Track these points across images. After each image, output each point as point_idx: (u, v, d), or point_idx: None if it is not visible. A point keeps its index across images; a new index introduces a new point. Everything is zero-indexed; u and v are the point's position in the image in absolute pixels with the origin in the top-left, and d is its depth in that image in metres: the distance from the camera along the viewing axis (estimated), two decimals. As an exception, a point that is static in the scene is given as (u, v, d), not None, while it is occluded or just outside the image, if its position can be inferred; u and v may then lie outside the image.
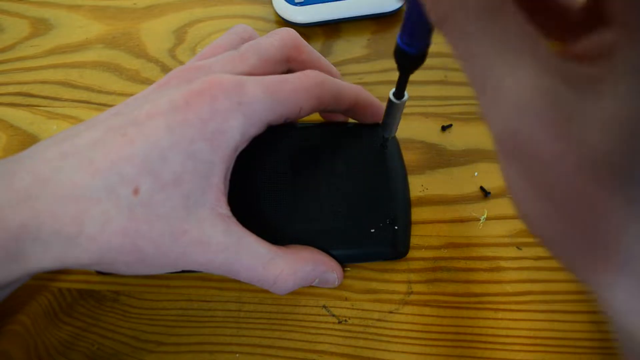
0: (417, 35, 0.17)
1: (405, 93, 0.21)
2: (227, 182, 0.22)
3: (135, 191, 0.19)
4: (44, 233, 0.18)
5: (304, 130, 0.27)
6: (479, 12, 0.12)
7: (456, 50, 0.13)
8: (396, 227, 0.26)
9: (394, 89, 0.21)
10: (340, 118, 0.28)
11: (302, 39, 0.25)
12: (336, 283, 0.25)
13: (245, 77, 0.21)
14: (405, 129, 0.30)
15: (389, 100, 0.22)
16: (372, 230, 0.25)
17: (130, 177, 0.19)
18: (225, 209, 0.21)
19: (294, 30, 0.25)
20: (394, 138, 0.28)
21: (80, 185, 0.19)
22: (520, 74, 0.12)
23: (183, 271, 0.22)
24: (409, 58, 0.18)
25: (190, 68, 0.22)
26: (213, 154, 0.20)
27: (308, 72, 0.23)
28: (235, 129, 0.20)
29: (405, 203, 0.27)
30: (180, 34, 0.35)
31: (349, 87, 0.25)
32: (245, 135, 0.21)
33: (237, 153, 0.21)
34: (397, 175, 0.27)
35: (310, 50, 0.25)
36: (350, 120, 0.28)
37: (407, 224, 0.26)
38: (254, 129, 0.21)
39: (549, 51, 0.12)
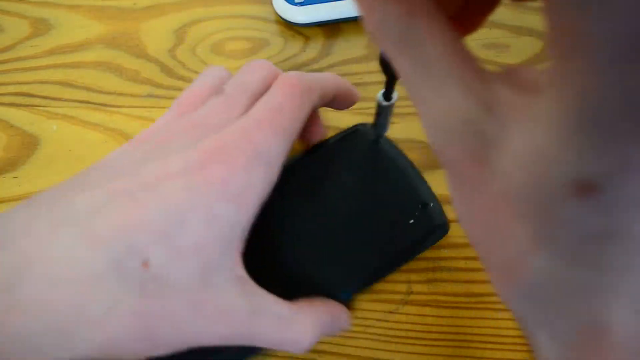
0: None
1: (395, 94, 0.21)
2: (245, 240, 0.20)
3: (145, 264, 0.16)
4: (34, 332, 0.15)
5: (294, 166, 0.26)
6: (398, 34, 0.12)
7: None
8: (431, 206, 0.26)
9: (382, 91, 0.21)
10: (319, 136, 0.27)
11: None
12: (346, 326, 0.24)
13: (247, 123, 0.19)
14: (405, 129, 0.30)
15: (379, 104, 0.22)
16: (411, 222, 0.25)
17: (140, 247, 0.16)
18: (242, 271, 0.19)
19: (267, 61, 0.24)
20: (385, 137, 0.28)
21: (78, 260, 0.15)
22: (445, 98, 0.12)
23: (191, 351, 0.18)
24: (389, 66, 0.18)
25: (185, 127, 0.20)
26: (239, 214, 0.18)
27: (289, 80, 0.22)
28: (260, 182, 0.19)
29: (423, 182, 0.27)
30: (180, 34, 0.35)
31: (326, 78, 0.24)
32: (269, 185, 0.19)
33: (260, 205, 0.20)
34: (403, 162, 0.27)
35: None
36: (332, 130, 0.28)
37: (435, 198, 0.27)
38: (275, 175, 0.20)
39: (476, 75, 0.12)
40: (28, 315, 0.14)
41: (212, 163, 0.18)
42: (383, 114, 0.23)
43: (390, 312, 0.27)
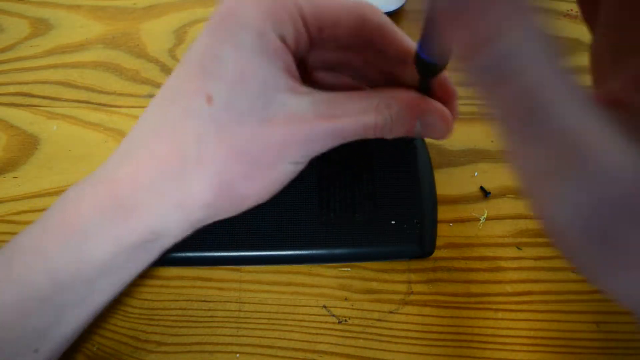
0: (434, 45, 0.17)
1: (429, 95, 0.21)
2: (297, 72, 0.21)
3: (209, 99, 0.18)
4: (156, 181, 0.18)
5: None
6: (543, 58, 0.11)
7: (496, 104, 0.11)
8: (423, 227, 0.26)
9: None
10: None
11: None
12: (445, 134, 0.22)
13: None
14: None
15: None
16: (400, 229, 0.26)
17: (195, 89, 0.18)
18: (305, 88, 0.20)
19: None
20: (422, 139, 0.28)
21: (165, 119, 0.19)
22: (603, 139, 0.10)
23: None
24: (427, 66, 0.18)
25: None
26: (260, 40, 0.19)
27: None
28: (268, 16, 0.19)
29: (432, 203, 0.27)
30: (180, 34, 0.35)
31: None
32: (284, 28, 0.19)
33: (295, 49, 0.20)
34: (425, 175, 0.27)
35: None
36: None
37: (433, 223, 0.27)
38: (292, 24, 0.20)
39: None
40: (148, 167, 0.18)
41: (224, 1, 0.19)
42: None
43: (390, 312, 0.27)
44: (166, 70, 0.34)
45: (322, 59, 0.23)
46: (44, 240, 0.19)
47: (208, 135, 0.18)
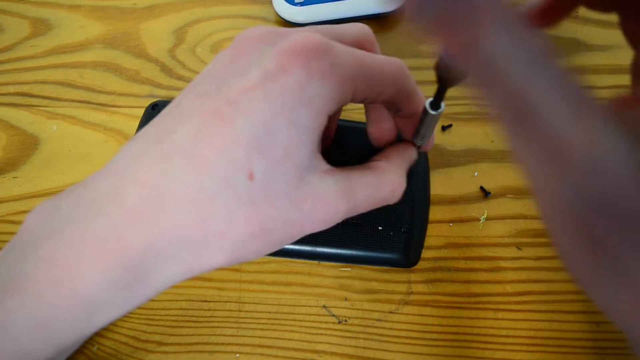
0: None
1: (442, 103, 0.21)
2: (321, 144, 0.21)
3: (251, 176, 0.18)
4: (170, 246, 0.17)
5: (339, 126, 0.26)
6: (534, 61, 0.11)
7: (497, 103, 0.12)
8: (411, 237, 0.26)
9: (430, 99, 0.20)
10: (390, 127, 0.25)
11: (374, 36, 0.23)
12: (415, 157, 0.24)
13: (334, 42, 0.19)
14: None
15: (425, 111, 0.21)
16: (386, 236, 0.26)
17: (241, 161, 0.17)
18: (327, 166, 0.20)
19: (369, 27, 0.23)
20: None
21: (194, 184, 0.17)
22: (597, 135, 0.11)
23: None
24: (450, 72, 0.17)
25: (265, 33, 0.20)
26: (312, 120, 0.18)
27: (395, 58, 0.21)
28: (331, 94, 0.19)
29: (423, 214, 0.27)
30: (180, 34, 0.35)
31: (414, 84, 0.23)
32: (336, 103, 0.19)
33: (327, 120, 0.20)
34: (419, 183, 0.27)
35: (378, 49, 0.23)
36: None
37: (422, 235, 0.27)
38: (344, 98, 0.19)
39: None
40: (163, 231, 0.17)
41: (291, 66, 0.18)
42: (427, 123, 0.22)
43: (390, 312, 0.27)
44: (166, 70, 0.34)
45: None
46: (45, 310, 0.17)
47: (239, 212, 0.18)
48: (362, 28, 0.22)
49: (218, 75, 0.19)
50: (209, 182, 0.17)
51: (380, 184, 0.21)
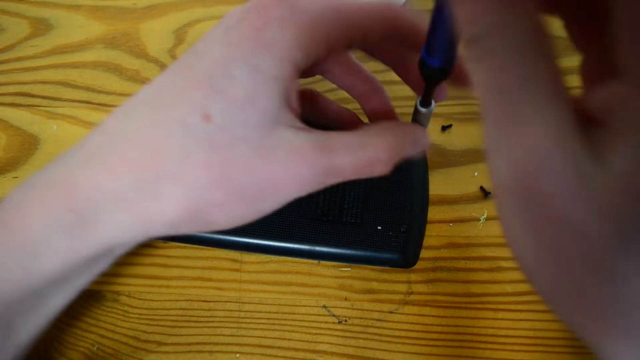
0: (440, 48, 0.16)
1: (432, 102, 0.21)
2: (297, 105, 0.20)
3: (206, 116, 0.17)
4: (120, 188, 0.16)
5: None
6: (515, 45, 0.12)
7: (477, 75, 0.12)
8: (410, 237, 0.26)
9: (420, 98, 0.21)
10: (391, 115, 0.24)
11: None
12: (426, 146, 0.22)
13: None
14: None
15: (416, 110, 0.21)
16: (385, 235, 0.26)
17: (197, 102, 0.17)
18: (302, 124, 0.19)
19: None
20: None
21: (147, 124, 0.17)
22: (549, 120, 0.11)
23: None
24: (431, 70, 0.17)
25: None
26: (276, 67, 0.18)
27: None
28: (293, 40, 0.18)
29: (422, 214, 0.27)
30: (180, 34, 0.35)
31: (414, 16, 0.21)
32: (305, 52, 0.18)
33: (299, 75, 0.19)
34: (418, 183, 0.27)
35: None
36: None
37: (421, 234, 0.26)
38: (315, 47, 0.19)
39: (570, 100, 0.12)
40: (117, 174, 0.16)
41: (249, 16, 0.18)
42: (419, 120, 0.22)
43: (390, 312, 0.27)
44: (166, 70, 0.34)
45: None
46: None
47: (196, 154, 0.17)
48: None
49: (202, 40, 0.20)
50: (163, 122, 0.17)
51: (363, 145, 0.19)
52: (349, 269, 0.27)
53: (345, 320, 0.26)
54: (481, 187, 0.29)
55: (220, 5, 0.36)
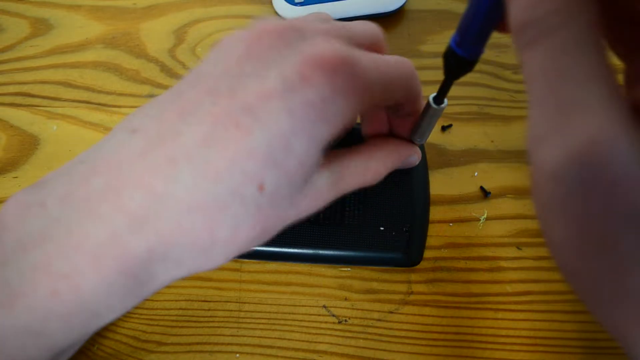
0: (475, 39, 0.16)
1: (446, 100, 0.20)
2: None
3: (261, 187, 0.17)
4: (174, 253, 0.17)
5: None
6: (580, 26, 0.12)
7: (532, 59, 0.12)
8: (413, 236, 0.26)
9: (434, 94, 0.20)
10: (384, 129, 0.25)
11: (384, 36, 0.23)
12: (416, 162, 0.25)
13: (355, 50, 0.19)
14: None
15: (428, 105, 0.21)
16: (388, 235, 0.26)
17: (254, 174, 0.17)
18: (323, 159, 0.19)
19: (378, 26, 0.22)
20: (422, 146, 0.27)
21: (202, 192, 0.16)
22: (613, 107, 0.11)
23: None
24: (461, 62, 0.17)
25: (283, 29, 0.19)
26: (331, 134, 0.18)
27: (404, 59, 0.21)
28: (352, 111, 0.18)
29: (424, 213, 0.27)
30: (180, 34, 0.35)
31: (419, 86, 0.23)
32: (355, 114, 0.19)
33: None
34: (419, 182, 0.27)
35: (387, 49, 0.23)
36: None
37: (423, 233, 0.26)
38: (361, 108, 0.19)
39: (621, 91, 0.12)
40: (168, 238, 0.16)
41: (314, 79, 0.17)
42: (428, 117, 0.22)
43: (390, 312, 0.27)
44: (166, 70, 0.34)
45: None
46: (39, 321, 0.16)
47: (246, 221, 0.17)
48: (374, 29, 0.22)
49: (230, 70, 0.18)
50: (219, 192, 0.17)
51: (366, 170, 0.22)
52: (349, 269, 0.27)
53: (345, 320, 0.26)
54: (481, 187, 0.29)
55: (220, 5, 0.36)
